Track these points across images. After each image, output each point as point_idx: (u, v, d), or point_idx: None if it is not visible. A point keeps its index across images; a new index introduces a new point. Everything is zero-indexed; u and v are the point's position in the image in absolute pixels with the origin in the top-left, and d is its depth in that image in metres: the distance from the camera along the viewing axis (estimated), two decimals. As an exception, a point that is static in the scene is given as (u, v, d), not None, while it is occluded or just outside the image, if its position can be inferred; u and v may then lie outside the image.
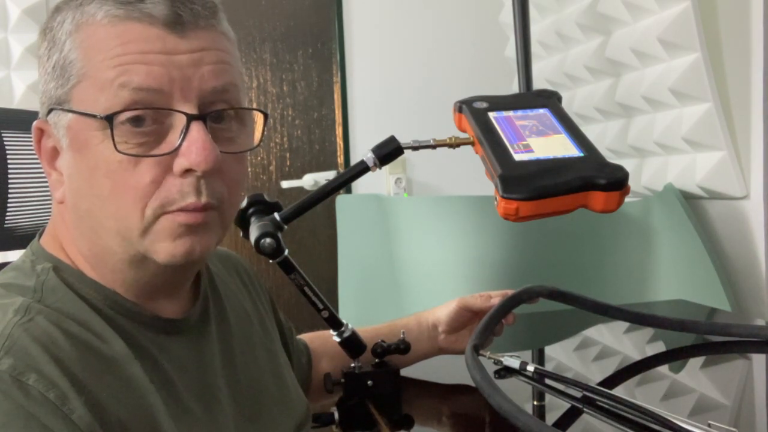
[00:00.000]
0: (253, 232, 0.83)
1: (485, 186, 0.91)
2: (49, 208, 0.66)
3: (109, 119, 0.55)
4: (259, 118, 0.65)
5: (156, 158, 0.57)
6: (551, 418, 0.86)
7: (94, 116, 0.56)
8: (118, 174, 0.57)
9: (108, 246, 0.60)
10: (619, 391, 0.87)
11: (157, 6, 0.57)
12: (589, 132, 1.43)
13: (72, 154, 0.59)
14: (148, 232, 0.58)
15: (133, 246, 0.59)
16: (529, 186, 0.80)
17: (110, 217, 0.58)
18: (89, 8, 0.58)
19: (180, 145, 0.57)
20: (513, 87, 2.34)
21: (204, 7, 0.60)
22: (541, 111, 0.95)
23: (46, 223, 0.66)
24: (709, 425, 0.72)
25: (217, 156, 0.57)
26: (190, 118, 0.57)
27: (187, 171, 0.57)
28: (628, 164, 1.65)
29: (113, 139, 0.56)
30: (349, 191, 2.50)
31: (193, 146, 0.57)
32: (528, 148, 0.86)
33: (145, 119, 0.57)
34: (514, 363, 0.96)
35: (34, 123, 0.62)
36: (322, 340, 1.00)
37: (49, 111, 0.60)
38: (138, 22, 0.57)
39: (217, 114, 0.60)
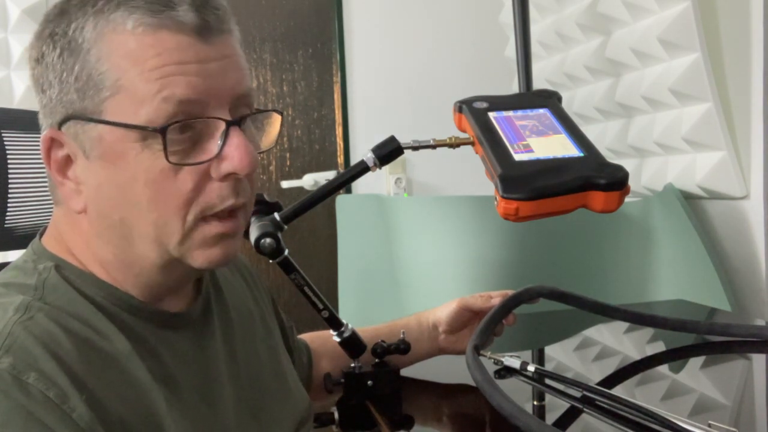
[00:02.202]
0: (253, 232, 0.84)
1: (485, 186, 0.91)
2: (50, 207, 0.66)
3: (163, 131, 0.56)
4: (276, 119, 0.67)
5: (197, 165, 0.58)
6: (551, 418, 0.86)
7: (143, 128, 0.56)
8: (159, 183, 0.58)
9: (140, 253, 0.60)
10: (619, 391, 0.87)
11: (187, 13, 0.58)
12: (589, 132, 1.43)
13: (103, 164, 0.58)
14: (187, 239, 0.60)
15: (169, 252, 0.60)
16: (529, 186, 0.80)
17: (149, 225, 0.59)
18: (115, 16, 0.57)
19: (221, 150, 0.59)
20: (513, 87, 2.33)
21: (224, 12, 0.61)
22: (541, 111, 0.95)
23: (46, 223, 0.66)
24: (710, 425, 0.72)
25: (256, 158, 0.60)
26: (229, 124, 0.59)
27: (229, 175, 0.59)
28: (628, 164, 1.64)
29: (165, 150, 0.56)
30: (349, 191, 2.50)
31: (236, 151, 0.58)
32: (528, 148, 0.86)
33: (188, 128, 0.58)
34: (514, 363, 0.96)
35: (45, 133, 0.60)
36: (322, 340, 1.00)
37: (64, 120, 0.59)
38: (169, 31, 0.57)
39: (243, 118, 0.61)
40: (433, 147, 0.93)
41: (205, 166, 0.59)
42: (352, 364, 0.96)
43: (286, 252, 0.86)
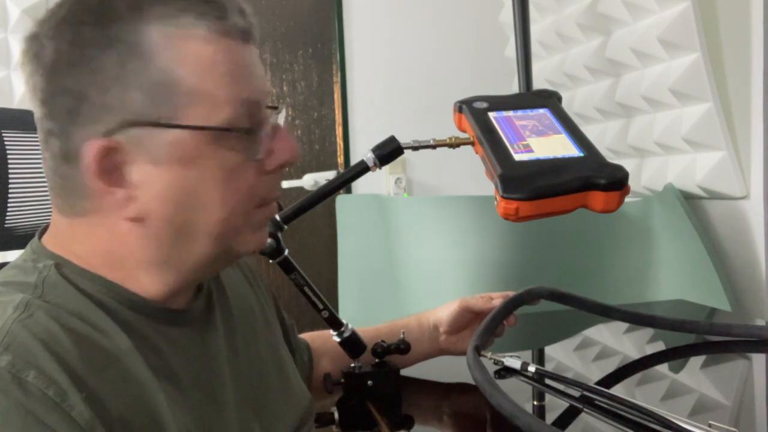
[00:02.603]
0: (253, 232, 0.83)
1: (485, 186, 0.91)
2: (50, 207, 0.65)
3: (253, 131, 0.61)
4: (282, 113, 0.72)
5: (257, 161, 0.62)
6: (551, 418, 0.86)
7: (227, 129, 0.59)
8: (230, 181, 0.60)
9: (195, 250, 0.61)
10: (618, 391, 0.87)
11: (239, 20, 0.61)
12: (589, 132, 1.43)
13: (174, 168, 0.58)
14: (245, 228, 0.63)
15: (224, 243, 0.62)
16: (529, 186, 0.80)
17: (215, 223, 0.61)
18: (183, 21, 0.57)
19: (274, 144, 0.63)
20: (513, 87, 2.34)
21: (253, 16, 0.64)
22: (541, 111, 0.95)
23: (46, 222, 0.66)
24: (710, 425, 0.72)
25: (299, 147, 0.66)
26: (277, 121, 0.64)
27: (281, 166, 0.64)
28: (628, 164, 1.64)
29: (255, 149, 0.61)
30: (349, 191, 2.50)
31: (287, 144, 0.64)
32: (528, 148, 0.86)
33: (255, 128, 0.61)
34: (515, 363, 0.96)
35: (96, 141, 0.57)
36: (322, 340, 1.00)
37: (122, 127, 0.57)
38: (230, 37, 0.60)
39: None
40: (433, 147, 0.93)
41: (262, 160, 0.63)
42: (352, 364, 0.96)
43: (286, 252, 0.86)
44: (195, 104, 0.58)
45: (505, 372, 0.98)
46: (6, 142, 0.99)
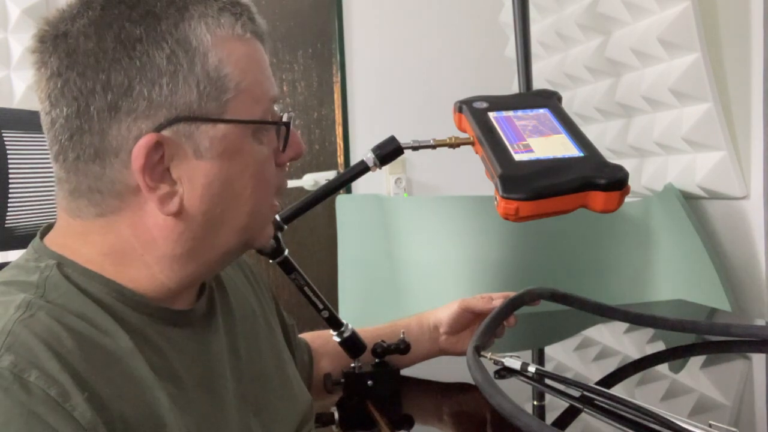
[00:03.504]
0: (254, 232, 0.83)
1: (485, 186, 0.91)
2: (50, 207, 0.66)
3: (287, 125, 0.66)
4: None
5: (279, 153, 0.67)
6: (551, 418, 0.86)
7: (274, 123, 0.65)
8: (261, 173, 0.64)
9: (221, 242, 0.64)
10: (618, 391, 0.87)
11: (261, 24, 0.66)
12: (589, 132, 1.43)
13: (218, 161, 0.60)
14: (268, 219, 0.68)
15: (247, 237, 0.66)
16: (529, 186, 0.80)
17: (244, 214, 0.64)
18: (224, 21, 0.61)
19: (289, 139, 0.67)
20: (513, 87, 2.34)
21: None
22: (541, 111, 0.95)
23: (46, 222, 0.66)
24: (710, 425, 0.72)
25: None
26: (291, 118, 0.67)
27: (292, 160, 0.69)
28: (628, 164, 1.64)
29: (285, 141, 0.66)
30: (349, 191, 2.50)
31: (297, 139, 0.68)
32: (528, 148, 0.86)
33: (283, 123, 0.66)
34: (515, 364, 0.96)
35: (147, 137, 0.57)
36: (323, 340, 1.00)
37: (171, 122, 0.58)
38: (257, 37, 0.65)
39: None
40: (433, 147, 0.93)
41: (277, 154, 0.66)
42: (352, 364, 0.96)
43: (286, 252, 0.86)
44: (239, 100, 0.61)
45: (505, 372, 0.98)
46: (6, 142, 0.99)
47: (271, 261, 0.85)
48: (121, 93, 0.57)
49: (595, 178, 0.81)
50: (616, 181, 0.81)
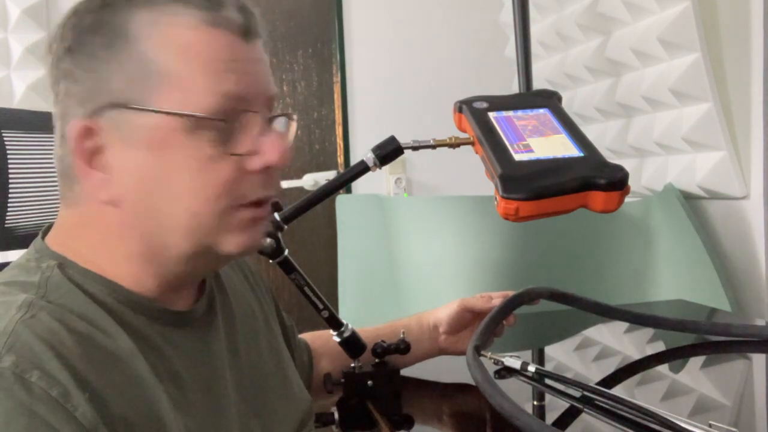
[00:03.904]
0: (254, 232, 0.83)
1: (485, 186, 0.91)
2: (50, 207, 0.66)
3: (222, 121, 0.59)
4: (293, 125, 0.70)
5: (236, 156, 0.60)
6: (551, 418, 0.86)
7: (201, 117, 0.58)
8: (200, 172, 0.59)
9: (170, 243, 0.61)
10: (618, 391, 0.87)
11: (235, 14, 0.60)
12: (589, 132, 1.43)
13: (146, 152, 0.59)
14: (220, 226, 0.61)
15: (200, 240, 0.61)
16: (529, 186, 0.80)
17: (183, 214, 0.60)
18: (170, 9, 0.59)
19: (260, 143, 0.62)
20: (513, 87, 2.33)
21: (258, 17, 0.64)
22: (541, 111, 0.95)
23: (46, 222, 0.66)
24: (710, 425, 0.72)
25: (290, 152, 0.63)
26: (269, 120, 0.63)
27: (267, 168, 0.62)
28: (628, 164, 1.64)
29: (233, 144, 0.60)
30: (349, 191, 2.50)
31: (275, 144, 0.62)
32: (528, 148, 0.86)
33: (235, 121, 0.60)
34: (515, 363, 0.96)
35: (76, 122, 0.59)
36: (323, 340, 1.00)
37: (103, 109, 0.59)
38: (221, 29, 0.60)
39: (275, 117, 0.65)
40: (433, 147, 0.93)
41: (243, 158, 0.61)
42: (352, 364, 0.96)
43: (286, 252, 0.86)
44: (170, 90, 0.58)
45: (505, 372, 0.98)
46: (6, 142, 0.99)
47: (271, 261, 0.85)
48: (73, 80, 0.60)
49: (595, 178, 0.81)
50: (616, 181, 0.81)
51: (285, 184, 2.49)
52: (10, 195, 0.98)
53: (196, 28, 0.59)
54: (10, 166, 0.98)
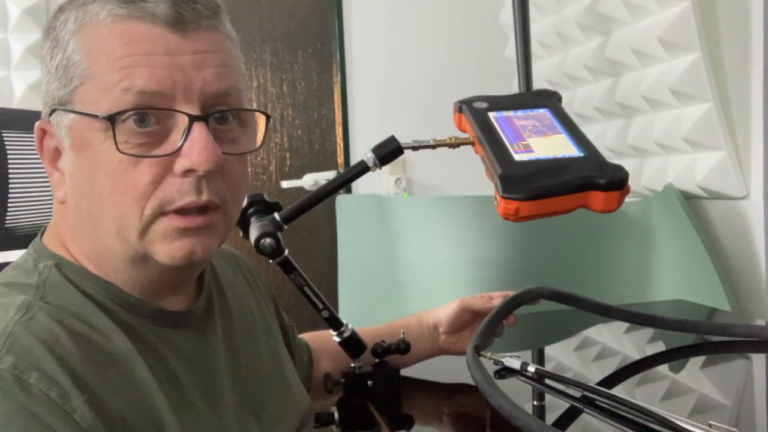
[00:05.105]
0: (253, 232, 0.83)
1: (485, 186, 0.91)
2: (50, 207, 0.66)
3: (112, 120, 0.56)
4: (261, 119, 0.65)
5: (157, 158, 0.57)
6: (551, 418, 0.86)
7: (96, 116, 0.56)
8: (118, 174, 0.57)
9: (109, 246, 0.60)
10: (619, 391, 0.87)
11: (159, 5, 0.57)
12: (589, 132, 1.43)
13: (73, 154, 0.59)
14: (147, 233, 0.59)
15: (132, 246, 0.59)
16: (529, 186, 0.80)
17: (110, 217, 0.58)
18: (92, 7, 0.58)
19: (182, 145, 0.57)
20: (513, 87, 2.33)
21: (206, 6, 0.60)
22: (541, 111, 0.95)
23: (47, 222, 0.66)
24: (710, 425, 0.72)
25: (218, 156, 0.58)
26: (192, 119, 0.57)
27: (188, 171, 0.57)
28: (628, 164, 1.64)
29: (115, 140, 0.56)
30: (349, 191, 2.50)
31: (195, 146, 0.57)
32: (528, 148, 0.86)
33: (147, 120, 0.57)
34: (514, 364, 0.96)
35: (37, 123, 0.62)
36: (322, 340, 1.00)
37: (52, 111, 0.60)
38: (140, 22, 0.57)
39: (219, 115, 0.60)
40: (433, 147, 0.93)
41: (168, 159, 0.57)
42: (352, 364, 0.96)
43: (286, 252, 0.86)
44: (88, 90, 0.57)
45: (505, 372, 0.98)
46: (6, 142, 0.98)
47: (271, 261, 0.85)
48: (43, 82, 0.62)
49: (595, 178, 0.81)
50: (616, 181, 0.81)
51: (285, 184, 2.49)
52: (10, 195, 0.98)
53: (109, 24, 0.57)
54: (10, 166, 0.98)
